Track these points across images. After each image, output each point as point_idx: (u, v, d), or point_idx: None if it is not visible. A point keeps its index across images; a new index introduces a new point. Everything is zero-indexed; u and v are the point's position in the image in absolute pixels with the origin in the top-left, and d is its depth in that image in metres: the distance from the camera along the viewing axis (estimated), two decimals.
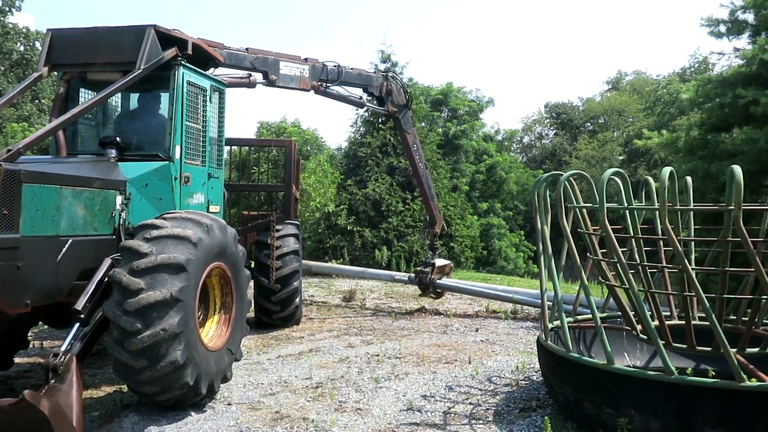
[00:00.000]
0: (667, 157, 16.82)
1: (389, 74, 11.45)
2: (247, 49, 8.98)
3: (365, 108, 11.48)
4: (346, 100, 10.90)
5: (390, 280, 14.27)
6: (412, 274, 12.77)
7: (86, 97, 7.52)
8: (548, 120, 52.83)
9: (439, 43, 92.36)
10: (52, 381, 4.94)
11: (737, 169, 4.56)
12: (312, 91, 10.03)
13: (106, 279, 5.61)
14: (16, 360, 7.20)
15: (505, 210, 32.22)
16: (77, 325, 5.43)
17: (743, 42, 11.46)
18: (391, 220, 18.86)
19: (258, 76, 9.17)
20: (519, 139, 51.43)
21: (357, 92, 11.09)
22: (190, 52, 7.21)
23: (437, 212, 12.74)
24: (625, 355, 6.57)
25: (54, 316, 6.73)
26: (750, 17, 11.10)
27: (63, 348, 5.23)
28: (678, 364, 5.64)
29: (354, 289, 13.70)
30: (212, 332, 6.32)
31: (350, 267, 15.66)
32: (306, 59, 9.86)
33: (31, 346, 7.79)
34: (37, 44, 34.68)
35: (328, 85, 10.20)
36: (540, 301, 6.27)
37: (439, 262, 12.43)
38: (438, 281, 12.23)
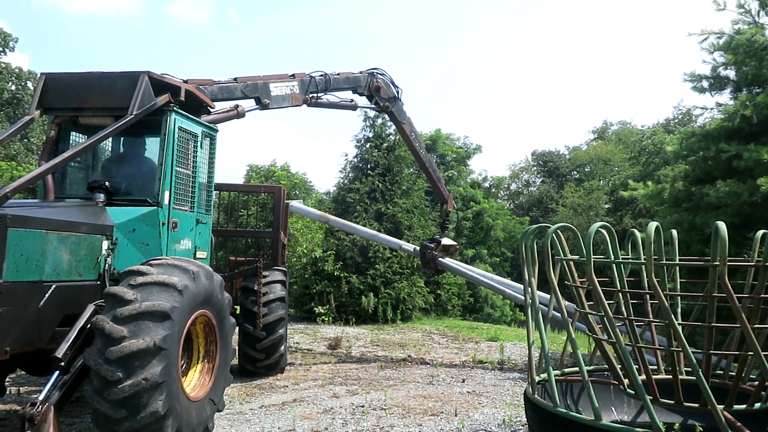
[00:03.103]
0: (652, 208, 17.02)
1: (375, 71, 11.48)
2: (235, 79, 9.03)
3: (357, 110, 11.58)
4: (338, 107, 11.02)
5: (398, 249, 14.57)
6: (418, 247, 12.96)
7: (77, 140, 7.54)
8: (535, 168, 53.42)
9: (428, 89, 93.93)
10: (28, 431, 4.82)
11: (722, 226, 4.61)
12: (304, 105, 10.11)
13: (89, 326, 5.53)
14: None
15: (491, 257, 32.25)
16: (57, 373, 5.33)
17: (725, 97, 11.73)
18: (378, 267, 18.81)
19: (247, 104, 9.19)
20: (506, 186, 51.89)
21: (347, 96, 11.24)
22: (182, 98, 7.27)
23: (446, 191, 12.96)
24: (613, 409, 6.50)
25: (33, 362, 6.60)
26: (731, 74, 11.39)
27: (41, 397, 5.12)
28: (666, 419, 5.59)
29: (340, 337, 13.58)
30: (195, 381, 6.21)
31: (364, 228, 15.69)
32: (293, 75, 9.93)
33: (7, 392, 7.59)
34: (29, 84, 34.92)
35: (319, 96, 10.30)
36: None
37: (446, 241, 12.59)
38: (440, 259, 12.31)
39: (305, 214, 15.09)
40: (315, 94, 10.22)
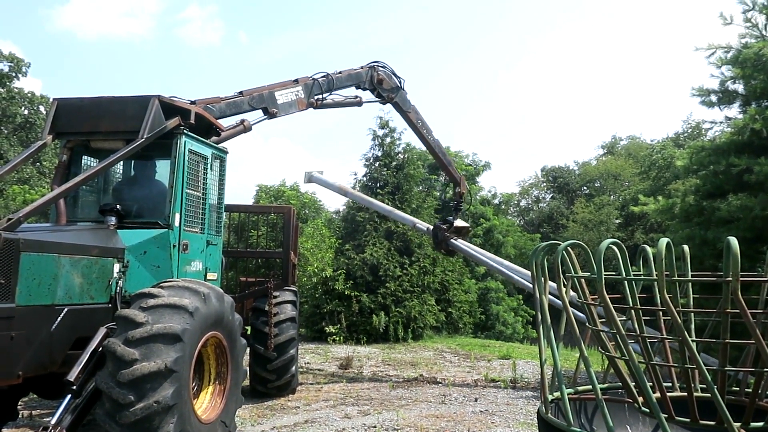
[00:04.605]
0: (663, 223, 16.92)
1: (376, 64, 11.39)
2: (241, 92, 8.98)
3: (362, 105, 11.52)
4: (343, 105, 10.98)
5: (412, 227, 14.61)
6: (431, 226, 13.16)
7: (88, 163, 7.61)
8: (545, 184, 53.36)
9: (437, 108, 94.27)
10: None
11: (733, 241, 4.56)
12: (311, 109, 10.06)
13: (101, 349, 5.55)
14: (5, 431, 7.02)
15: None
16: (69, 396, 5.34)
17: (734, 111, 11.69)
18: (388, 285, 18.76)
19: (253, 117, 9.15)
20: (516, 202, 51.84)
21: (351, 93, 11.18)
22: (192, 121, 7.33)
23: (457, 173, 13.16)
24: (628, 428, 6.41)
25: (45, 386, 6.61)
26: (740, 87, 11.35)
27: (53, 420, 5.14)
28: None
29: (351, 356, 13.53)
30: (206, 403, 6.21)
31: (379, 203, 15.70)
32: (296, 80, 9.88)
33: (20, 416, 7.60)
34: (42, 108, 35.36)
35: (323, 97, 10.26)
36: None
37: (458, 222, 12.71)
38: (452, 240, 12.39)
39: (324, 184, 15.03)
40: (320, 96, 10.16)
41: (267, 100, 9.27)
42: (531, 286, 6.31)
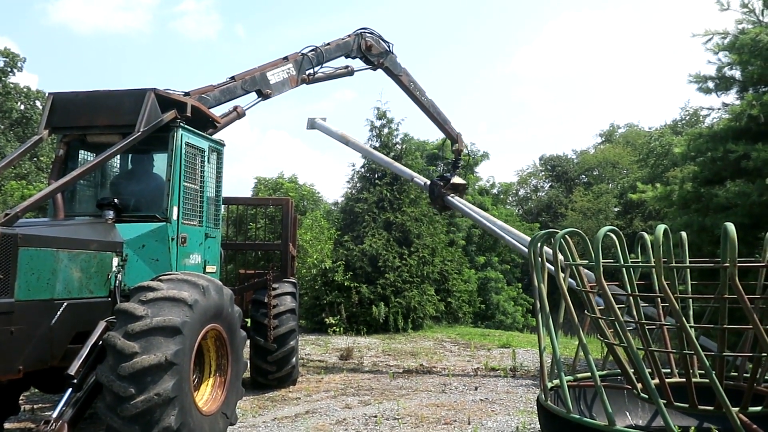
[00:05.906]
0: (662, 210, 16.92)
1: (363, 31, 11.30)
2: (233, 77, 8.92)
3: (354, 74, 11.42)
4: (334, 77, 10.95)
5: (410, 180, 14.76)
6: (428, 181, 13.25)
7: (85, 158, 7.59)
8: (543, 173, 53.32)
9: (434, 98, 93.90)
10: None
11: (731, 227, 4.59)
12: (303, 84, 10.03)
13: (101, 342, 5.56)
14: (6, 426, 7.05)
15: (502, 263, 32.15)
16: (70, 390, 5.35)
17: (731, 97, 11.66)
18: (388, 276, 18.79)
19: (245, 102, 9.12)
20: (515, 192, 51.80)
21: (342, 64, 11.14)
22: (188, 114, 7.31)
23: (454, 131, 13.20)
24: (627, 414, 6.46)
25: (46, 380, 6.63)
26: (737, 74, 11.33)
27: (55, 414, 5.15)
28: (680, 423, 5.54)
29: (351, 347, 13.57)
30: (207, 395, 6.22)
31: (379, 154, 15.93)
32: (286, 57, 9.80)
33: (21, 410, 7.62)
34: (38, 103, 35.24)
35: (315, 71, 10.21)
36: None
37: (455, 180, 12.84)
38: (448, 197, 12.48)
39: (326, 131, 14.91)
40: (311, 70, 10.09)
41: (260, 82, 9.22)
42: (524, 249, 6.33)
